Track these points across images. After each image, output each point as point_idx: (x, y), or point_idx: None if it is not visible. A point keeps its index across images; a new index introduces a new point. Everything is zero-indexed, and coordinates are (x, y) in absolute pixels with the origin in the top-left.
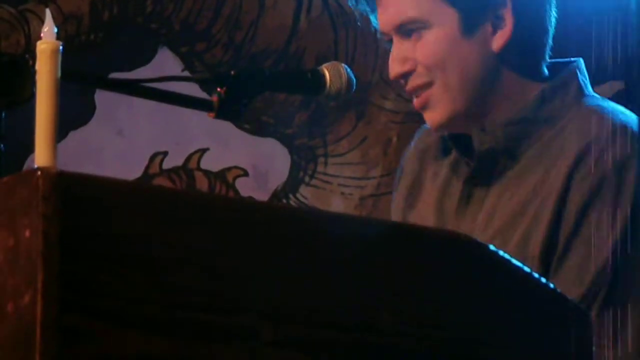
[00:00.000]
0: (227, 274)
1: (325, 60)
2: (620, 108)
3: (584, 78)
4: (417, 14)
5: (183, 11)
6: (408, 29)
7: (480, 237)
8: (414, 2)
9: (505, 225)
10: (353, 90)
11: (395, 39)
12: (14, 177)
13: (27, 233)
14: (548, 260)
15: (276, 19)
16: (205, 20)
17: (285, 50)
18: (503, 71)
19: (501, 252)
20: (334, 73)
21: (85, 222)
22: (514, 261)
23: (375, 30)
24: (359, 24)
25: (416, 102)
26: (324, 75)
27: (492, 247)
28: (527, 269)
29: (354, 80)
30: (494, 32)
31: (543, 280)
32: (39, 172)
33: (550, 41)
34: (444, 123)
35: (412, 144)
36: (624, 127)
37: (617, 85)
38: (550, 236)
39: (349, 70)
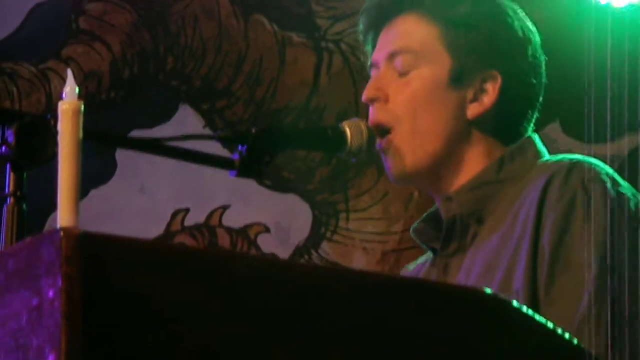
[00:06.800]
0: (249, 335)
1: (346, 115)
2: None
3: (542, 146)
4: (415, 45)
5: (204, 68)
6: (401, 68)
7: None
8: (416, 35)
9: (483, 274)
10: (374, 147)
11: (383, 67)
12: (37, 238)
13: (51, 293)
14: (533, 292)
15: (297, 75)
16: (226, 77)
17: (306, 107)
18: (474, 134)
19: (524, 308)
20: (354, 130)
21: (108, 282)
22: (537, 317)
23: None
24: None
25: (381, 142)
26: (344, 133)
27: (515, 304)
28: (550, 325)
29: (375, 137)
30: (474, 99)
31: (567, 336)
32: (62, 233)
33: (535, 113)
34: (406, 173)
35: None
36: (582, 161)
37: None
38: (532, 267)
39: (370, 127)
